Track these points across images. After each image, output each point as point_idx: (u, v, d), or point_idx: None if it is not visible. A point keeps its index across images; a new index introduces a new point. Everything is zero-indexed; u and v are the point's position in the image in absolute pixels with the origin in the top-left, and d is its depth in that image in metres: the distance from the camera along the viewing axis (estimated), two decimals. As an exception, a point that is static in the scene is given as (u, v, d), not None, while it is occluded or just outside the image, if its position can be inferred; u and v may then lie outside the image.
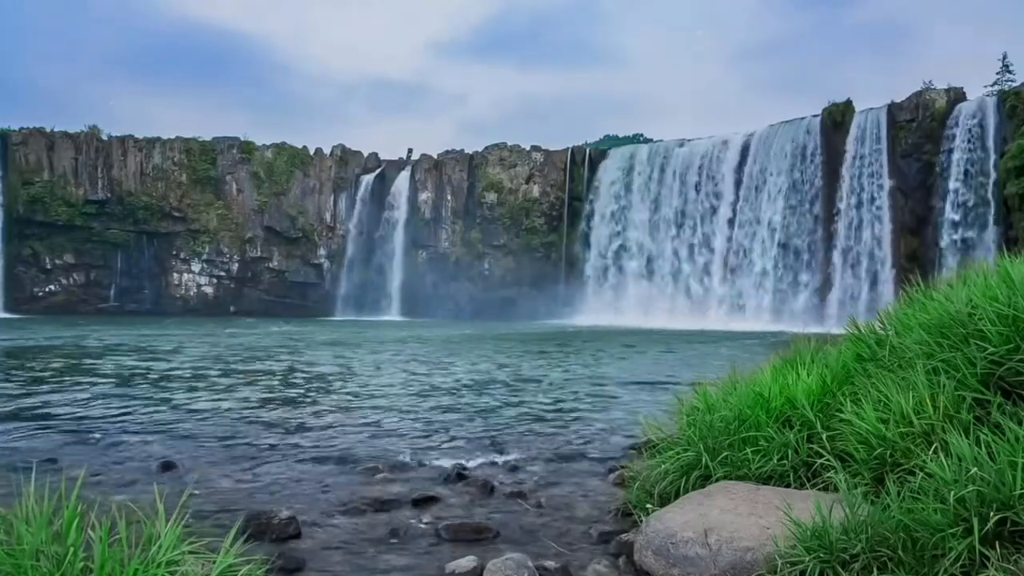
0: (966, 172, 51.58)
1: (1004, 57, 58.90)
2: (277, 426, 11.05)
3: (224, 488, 7.31)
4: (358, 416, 12.10)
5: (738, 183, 63.34)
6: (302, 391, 15.63)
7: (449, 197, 76.39)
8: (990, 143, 50.73)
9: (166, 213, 73.32)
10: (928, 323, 5.58)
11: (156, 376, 18.25)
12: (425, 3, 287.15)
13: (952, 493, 3.78)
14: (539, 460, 8.72)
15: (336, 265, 77.10)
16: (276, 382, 17.34)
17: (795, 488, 5.38)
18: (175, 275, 74.07)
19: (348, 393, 15.27)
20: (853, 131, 57.55)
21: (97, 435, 10.12)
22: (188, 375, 18.60)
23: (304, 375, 19.03)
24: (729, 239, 63.28)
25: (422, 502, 6.74)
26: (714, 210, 64.58)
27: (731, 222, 63.38)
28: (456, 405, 13.53)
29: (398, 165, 79.34)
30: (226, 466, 8.30)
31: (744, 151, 63.67)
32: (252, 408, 12.87)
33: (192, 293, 74.20)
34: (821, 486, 5.18)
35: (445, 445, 9.69)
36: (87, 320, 59.02)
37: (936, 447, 4.35)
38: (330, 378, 18.29)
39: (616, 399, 14.62)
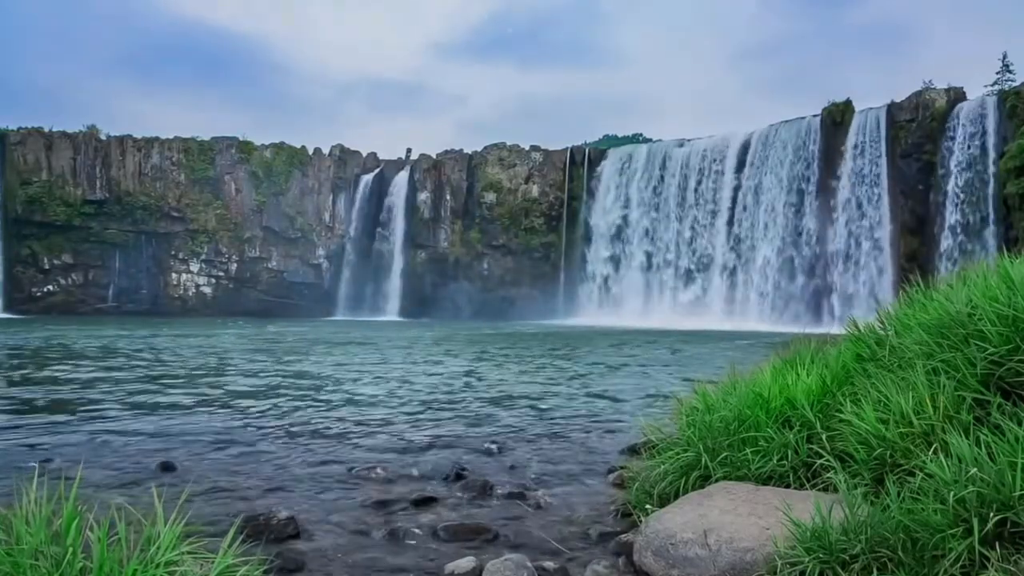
0: (966, 172, 51.62)
1: (1004, 57, 59.02)
2: (275, 427, 11.03)
3: (223, 488, 7.30)
4: (357, 416, 12.09)
5: (738, 183, 63.36)
6: (300, 392, 15.61)
7: (448, 197, 76.38)
8: (990, 143, 50.76)
9: (164, 213, 73.27)
10: (928, 323, 5.57)
11: (154, 377, 18.23)
12: (424, 3, 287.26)
13: (952, 494, 3.78)
14: (538, 460, 8.72)
15: (335, 265, 77.08)
16: (274, 383, 17.33)
17: (795, 488, 5.37)
18: (174, 275, 74.04)
19: (346, 394, 15.26)
20: (853, 131, 57.59)
21: (96, 436, 10.10)
22: (186, 376, 18.59)
23: (302, 376, 19.02)
24: (728, 239, 63.31)
25: (421, 502, 6.73)
26: (713, 210, 64.61)
27: (730, 222, 63.40)
28: (455, 405, 13.52)
29: (397, 165, 79.35)
30: (225, 466, 8.29)
31: (744, 151, 63.69)
32: (250, 409, 12.86)
33: (191, 293, 74.17)
34: (821, 486, 5.18)
35: (444, 445, 9.68)
36: (85, 320, 58.99)
37: (936, 448, 4.35)
38: (328, 379, 18.28)
39: (615, 399, 14.61)
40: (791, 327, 46.42)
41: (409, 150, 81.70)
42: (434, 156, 78.43)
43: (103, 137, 73.18)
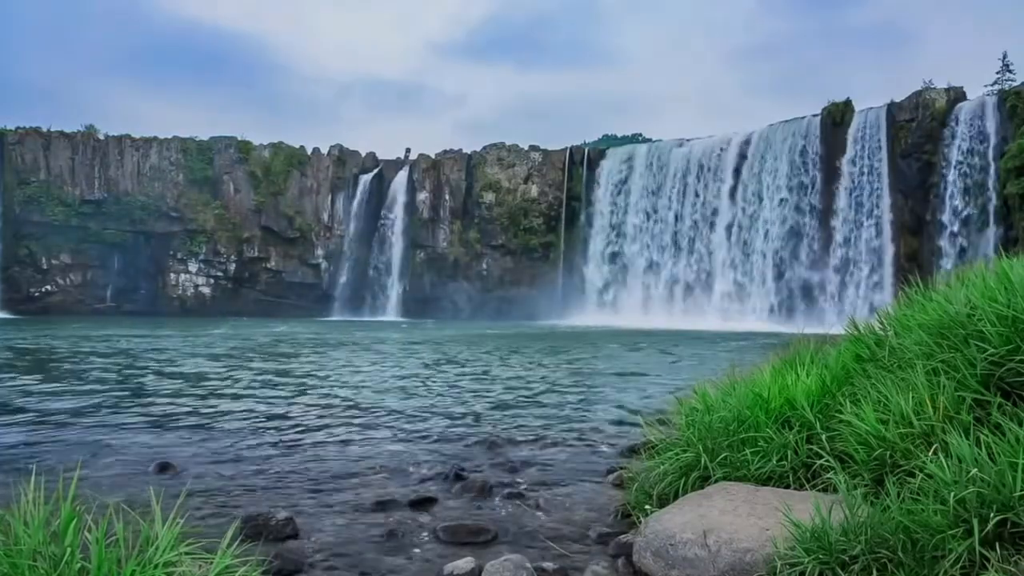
0: (966, 172, 51.62)
1: (1004, 57, 58.91)
2: (274, 427, 11.03)
3: (222, 489, 7.29)
4: (355, 417, 12.08)
5: (737, 183, 63.34)
6: (299, 392, 15.60)
7: (447, 197, 76.35)
8: (990, 143, 50.78)
9: (163, 213, 73.19)
10: (927, 324, 5.56)
11: (152, 377, 18.22)
12: (423, 3, 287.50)
13: (952, 494, 3.77)
14: (537, 460, 8.71)
15: (334, 265, 77.01)
16: (273, 383, 17.32)
17: (794, 489, 5.36)
18: (172, 275, 73.94)
19: (345, 394, 15.24)
20: (853, 131, 57.59)
21: (93, 436, 10.09)
22: (184, 376, 18.57)
23: (300, 376, 19.01)
24: (728, 239, 63.29)
25: (420, 503, 6.72)
26: (713, 210, 64.58)
27: (730, 222, 63.40)
28: (454, 406, 13.51)
29: (396, 165, 79.29)
30: (223, 467, 8.28)
31: (743, 151, 63.66)
32: (249, 409, 12.84)
33: (189, 293, 74.07)
34: (821, 487, 5.17)
35: (443, 446, 9.67)
36: (83, 320, 58.93)
37: (936, 448, 4.34)
38: (327, 379, 18.26)
39: (614, 400, 14.61)
40: (790, 327, 46.40)
41: (408, 150, 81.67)
42: (433, 156, 78.39)
43: (101, 137, 73.11)
